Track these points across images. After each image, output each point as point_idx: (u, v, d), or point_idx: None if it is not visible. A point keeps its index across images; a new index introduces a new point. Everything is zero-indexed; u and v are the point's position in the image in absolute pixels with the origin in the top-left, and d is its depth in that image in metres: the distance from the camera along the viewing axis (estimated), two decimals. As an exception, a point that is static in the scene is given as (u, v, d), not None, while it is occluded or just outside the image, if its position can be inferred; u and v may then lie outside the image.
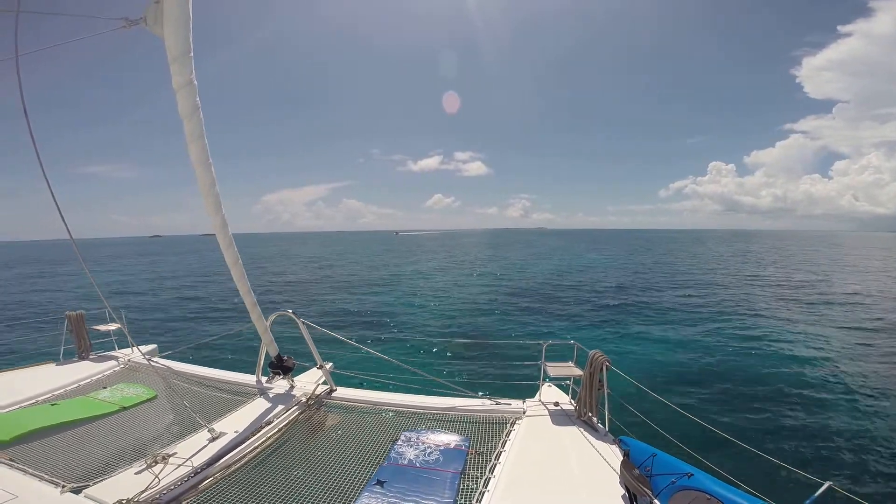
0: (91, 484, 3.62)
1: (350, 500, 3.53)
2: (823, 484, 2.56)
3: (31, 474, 3.75)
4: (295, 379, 6.14)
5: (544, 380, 5.62)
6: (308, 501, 3.55)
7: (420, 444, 4.40)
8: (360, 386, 6.29)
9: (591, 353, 4.75)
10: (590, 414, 4.73)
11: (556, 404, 5.20)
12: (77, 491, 3.53)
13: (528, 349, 13.26)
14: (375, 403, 5.51)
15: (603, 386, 4.64)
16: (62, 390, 5.91)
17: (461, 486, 3.71)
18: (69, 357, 7.19)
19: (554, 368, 5.35)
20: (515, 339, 15.51)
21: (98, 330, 7.65)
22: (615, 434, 4.42)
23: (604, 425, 4.61)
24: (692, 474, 2.92)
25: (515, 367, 10.42)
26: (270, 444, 4.55)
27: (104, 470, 3.90)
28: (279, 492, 3.68)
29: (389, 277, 37.40)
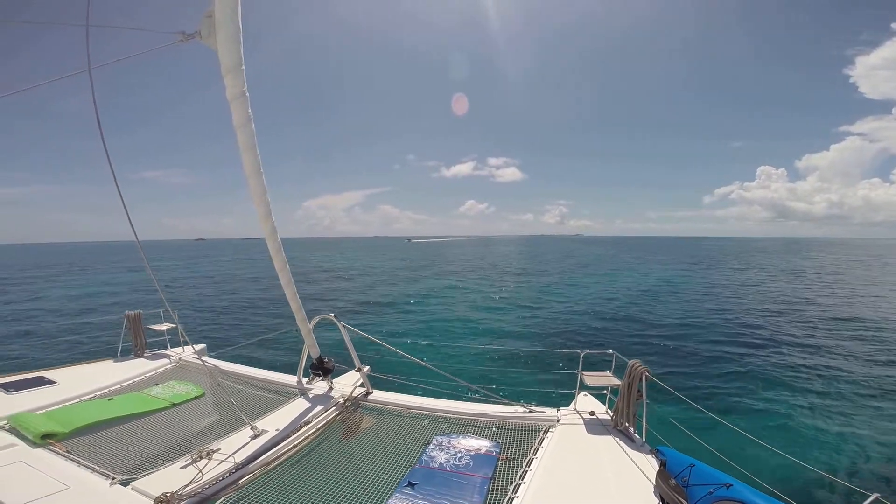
0: (138, 477, 3.81)
1: (382, 501, 3.58)
2: (870, 496, 2.40)
3: (84, 466, 3.98)
4: (334, 381, 6.29)
5: (580, 389, 5.50)
6: (341, 500, 3.63)
7: (451, 448, 4.42)
8: (396, 389, 6.38)
9: (631, 362, 4.62)
10: (626, 424, 4.60)
11: (592, 413, 5.07)
12: (125, 483, 3.72)
13: (564, 358, 12.97)
14: (409, 407, 5.58)
15: (641, 396, 4.51)
16: (118, 386, 6.30)
17: (491, 492, 3.69)
18: (126, 354, 7.68)
19: (591, 377, 5.25)
20: (552, 347, 15.20)
21: (153, 329, 8.15)
22: (653, 445, 4.27)
23: (641, 436, 4.46)
24: (731, 485, 2.79)
25: (551, 375, 10.23)
26: (308, 444, 4.68)
27: (152, 463, 4.10)
28: (314, 490, 3.78)
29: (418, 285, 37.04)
